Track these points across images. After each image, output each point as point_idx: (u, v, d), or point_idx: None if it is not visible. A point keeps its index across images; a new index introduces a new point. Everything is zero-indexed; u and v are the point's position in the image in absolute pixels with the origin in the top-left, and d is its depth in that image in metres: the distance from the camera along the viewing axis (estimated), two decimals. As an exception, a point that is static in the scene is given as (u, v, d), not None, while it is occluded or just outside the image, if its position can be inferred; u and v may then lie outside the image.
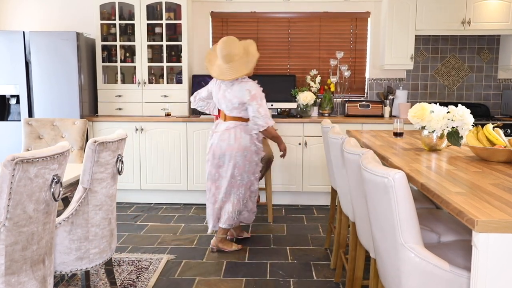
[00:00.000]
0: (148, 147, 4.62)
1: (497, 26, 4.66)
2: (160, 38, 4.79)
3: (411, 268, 1.48)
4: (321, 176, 4.59)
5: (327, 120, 3.16)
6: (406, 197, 1.48)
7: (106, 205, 2.27)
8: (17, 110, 4.63)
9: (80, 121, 3.32)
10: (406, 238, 1.49)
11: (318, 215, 4.37)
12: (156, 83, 4.85)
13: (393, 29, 4.73)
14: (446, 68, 5.12)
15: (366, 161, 1.68)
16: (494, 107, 5.16)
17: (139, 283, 2.86)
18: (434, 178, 1.82)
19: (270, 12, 5.07)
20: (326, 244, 3.53)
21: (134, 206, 4.64)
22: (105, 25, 4.80)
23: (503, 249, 1.28)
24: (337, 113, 5.11)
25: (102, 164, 2.17)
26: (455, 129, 2.43)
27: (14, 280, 1.60)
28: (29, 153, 1.57)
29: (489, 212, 1.33)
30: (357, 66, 5.13)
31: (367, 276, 2.40)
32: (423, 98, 5.15)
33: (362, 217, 2.03)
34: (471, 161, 2.24)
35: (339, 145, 2.34)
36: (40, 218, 1.68)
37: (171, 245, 3.55)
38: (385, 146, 2.75)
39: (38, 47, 4.45)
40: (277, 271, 3.08)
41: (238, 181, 3.30)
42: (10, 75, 4.49)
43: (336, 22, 5.08)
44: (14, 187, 1.53)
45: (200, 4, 5.07)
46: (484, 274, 1.29)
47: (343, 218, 2.75)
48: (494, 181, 1.77)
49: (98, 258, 2.26)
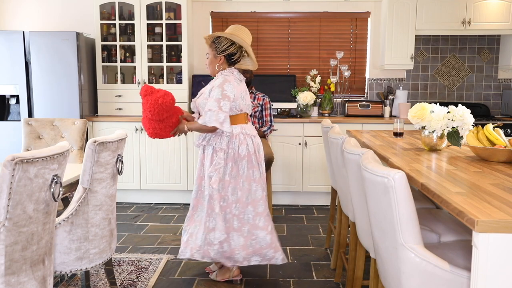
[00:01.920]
0: (148, 147, 4.62)
1: (497, 26, 4.66)
2: (160, 38, 4.79)
3: (411, 268, 1.48)
4: (321, 176, 4.59)
5: (327, 120, 3.16)
6: (406, 197, 1.48)
7: (106, 205, 2.27)
8: (17, 110, 4.63)
9: (80, 121, 3.32)
10: (406, 238, 1.48)
11: (318, 215, 4.37)
12: (156, 83, 4.85)
13: (393, 29, 4.73)
14: (446, 68, 5.12)
15: (366, 161, 1.68)
16: (494, 107, 5.15)
17: (139, 283, 2.86)
18: (434, 178, 1.81)
19: (270, 12, 5.06)
20: (326, 244, 3.53)
21: (134, 206, 4.64)
22: (105, 25, 4.80)
23: (503, 249, 1.28)
24: (337, 113, 5.11)
25: (102, 164, 2.17)
26: (455, 129, 2.43)
27: (14, 280, 1.60)
28: (29, 153, 1.57)
29: (489, 212, 1.33)
30: (357, 66, 5.13)
31: (367, 276, 2.40)
32: (423, 98, 5.15)
33: (362, 217, 2.03)
34: (471, 161, 2.24)
35: (339, 145, 2.34)
36: (40, 218, 1.68)
37: (171, 245, 3.55)
38: (385, 146, 2.75)
39: (38, 47, 4.45)
40: (277, 271, 3.08)
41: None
42: (10, 75, 4.49)
43: (336, 22, 5.08)
44: (14, 187, 1.53)
45: (200, 4, 5.07)
46: (484, 274, 1.29)
47: (343, 218, 2.75)
48: (494, 181, 1.77)
49: (98, 258, 2.26)
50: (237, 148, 2.76)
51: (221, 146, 2.73)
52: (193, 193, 2.89)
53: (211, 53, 2.80)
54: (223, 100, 2.67)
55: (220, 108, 2.66)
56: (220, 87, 2.68)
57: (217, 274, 2.95)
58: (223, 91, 2.67)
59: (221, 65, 2.79)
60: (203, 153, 2.85)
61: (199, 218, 2.85)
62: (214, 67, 2.81)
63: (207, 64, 2.84)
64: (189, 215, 2.91)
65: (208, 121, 2.67)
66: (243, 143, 2.77)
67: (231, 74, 2.78)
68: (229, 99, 2.68)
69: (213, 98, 2.68)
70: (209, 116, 2.66)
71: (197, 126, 2.74)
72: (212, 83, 2.76)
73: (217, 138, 2.75)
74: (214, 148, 2.76)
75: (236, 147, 2.76)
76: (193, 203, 2.89)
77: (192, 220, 2.89)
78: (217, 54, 2.78)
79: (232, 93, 2.70)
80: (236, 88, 2.73)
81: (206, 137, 2.79)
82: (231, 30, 2.81)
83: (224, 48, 2.76)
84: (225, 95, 2.67)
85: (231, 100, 2.70)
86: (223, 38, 2.77)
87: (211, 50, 2.80)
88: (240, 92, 2.77)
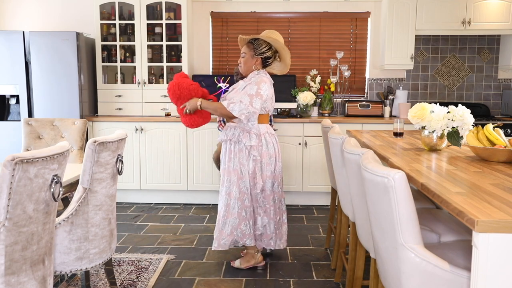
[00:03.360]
0: (148, 147, 4.62)
1: (497, 26, 4.66)
2: (160, 38, 4.80)
3: (411, 268, 1.48)
4: (321, 176, 4.59)
5: (327, 120, 3.16)
6: (406, 197, 1.48)
7: (106, 205, 2.27)
8: (17, 110, 4.63)
9: (80, 121, 3.32)
10: (406, 238, 1.48)
11: (318, 215, 4.37)
12: (156, 83, 4.86)
13: (393, 29, 4.73)
14: (446, 68, 5.12)
15: (366, 161, 1.68)
16: (494, 107, 5.16)
17: (139, 283, 2.86)
18: (434, 178, 1.81)
19: (270, 12, 5.07)
20: (326, 244, 3.53)
21: (134, 206, 4.64)
22: (105, 25, 4.80)
23: (503, 249, 1.28)
24: (337, 113, 5.11)
25: (102, 164, 2.17)
26: (455, 129, 2.43)
27: (14, 280, 1.60)
28: (29, 153, 1.57)
29: (489, 212, 1.33)
30: (357, 66, 5.13)
31: (367, 276, 2.41)
32: (423, 98, 5.15)
33: (362, 217, 2.03)
34: (471, 161, 2.24)
35: (339, 145, 2.34)
36: (40, 218, 1.68)
37: (171, 245, 3.55)
38: (385, 146, 2.75)
39: (38, 47, 4.45)
40: (277, 271, 3.08)
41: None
42: (10, 75, 4.49)
43: (336, 22, 5.08)
44: (14, 187, 1.53)
45: (200, 4, 5.07)
46: (484, 274, 1.29)
47: (343, 218, 2.75)
48: (494, 181, 1.77)
49: (98, 258, 2.26)
50: (266, 145, 2.97)
51: (251, 143, 2.91)
52: (229, 189, 3.01)
53: (248, 53, 2.96)
54: (256, 97, 2.84)
55: (251, 104, 2.82)
56: (257, 84, 2.86)
57: (241, 261, 3.12)
58: (258, 89, 2.85)
59: (257, 66, 2.97)
60: (229, 147, 3.01)
61: (249, 210, 3.02)
62: (249, 67, 2.97)
63: (242, 63, 2.99)
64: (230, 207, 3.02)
65: (234, 109, 2.82)
66: (270, 142, 2.99)
67: (266, 75, 2.96)
68: (261, 98, 2.86)
69: (246, 93, 2.86)
70: (238, 106, 2.82)
71: (214, 106, 2.90)
72: (246, 81, 2.94)
73: (247, 136, 2.93)
74: (245, 145, 2.93)
75: (265, 145, 2.97)
76: (236, 197, 3.01)
77: (233, 212, 3.02)
78: (255, 55, 2.94)
79: (265, 93, 2.88)
80: (269, 90, 2.92)
81: (235, 134, 2.95)
82: (268, 34, 2.97)
83: (263, 50, 2.95)
84: (258, 93, 2.84)
85: (263, 99, 2.87)
86: (262, 41, 2.94)
87: (249, 50, 2.96)
88: (271, 94, 2.99)
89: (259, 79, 2.89)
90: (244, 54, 2.99)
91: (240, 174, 2.98)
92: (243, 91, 2.89)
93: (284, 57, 3.05)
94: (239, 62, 3.03)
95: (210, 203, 4.74)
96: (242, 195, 2.99)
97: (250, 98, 2.82)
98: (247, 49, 2.98)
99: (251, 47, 2.96)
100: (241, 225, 3.01)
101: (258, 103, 2.84)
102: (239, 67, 3.04)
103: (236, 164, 2.97)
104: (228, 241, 3.02)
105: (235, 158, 2.98)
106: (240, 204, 2.99)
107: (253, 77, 2.93)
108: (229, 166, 3.00)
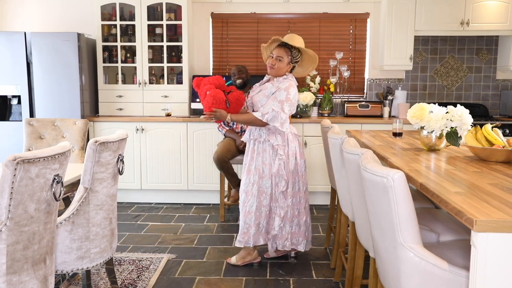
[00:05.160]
0: (148, 147, 4.63)
1: (496, 26, 4.67)
2: (160, 39, 4.80)
3: (411, 267, 1.49)
4: (321, 176, 4.60)
5: (326, 120, 3.17)
6: (405, 197, 1.48)
7: (107, 205, 2.28)
8: (18, 110, 4.64)
9: (81, 121, 3.33)
10: (405, 237, 1.49)
11: (318, 215, 4.38)
12: (156, 83, 4.86)
13: (392, 29, 4.74)
14: (445, 68, 5.13)
15: (366, 161, 1.68)
16: (493, 107, 5.17)
17: (139, 282, 2.87)
18: (433, 178, 1.82)
19: (270, 13, 5.07)
20: (326, 244, 3.54)
21: (134, 206, 4.65)
22: (106, 26, 4.81)
23: (502, 248, 1.28)
24: (336, 113, 5.11)
25: (103, 164, 2.18)
26: (454, 129, 2.44)
27: (16, 279, 1.61)
28: (30, 153, 1.58)
29: (488, 211, 1.34)
30: (356, 66, 5.14)
31: (367, 276, 2.42)
32: (422, 99, 5.16)
33: (362, 216, 2.04)
34: (470, 161, 2.25)
35: (339, 145, 2.35)
36: (41, 217, 1.69)
37: (172, 245, 3.56)
38: (384, 146, 2.76)
39: (39, 47, 4.46)
40: (277, 270, 3.09)
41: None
42: (12, 76, 4.50)
43: (335, 23, 5.09)
44: (15, 187, 1.54)
45: (201, 5, 5.08)
46: (483, 273, 1.30)
47: (343, 218, 2.76)
48: (493, 181, 1.78)
49: (99, 257, 2.27)
50: (288, 145, 3.04)
51: (278, 143, 2.99)
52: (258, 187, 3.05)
53: (286, 59, 2.99)
54: (286, 102, 2.92)
55: (283, 110, 2.92)
56: (286, 90, 2.93)
57: (237, 257, 3.16)
58: (287, 94, 2.92)
59: (287, 71, 3.04)
60: (253, 147, 3.08)
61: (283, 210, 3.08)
62: (283, 71, 3.01)
63: (275, 65, 2.98)
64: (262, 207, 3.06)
65: (270, 119, 2.92)
66: (293, 141, 3.07)
67: (293, 79, 3.05)
68: (291, 102, 2.95)
69: (277, 99, 2.92)
70: (273, 116, 2.91)
71: (245, 118, 2.98)
72: (275, 84, 2.99)
73: (273, 136, 3.00)
74: (272, 144, 3.00)
75: (288, 145, 3.04)
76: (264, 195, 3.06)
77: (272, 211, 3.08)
78: (290, 62, 3.02)
79: (294, 97, 2.97)
80: (296, 93, 3.02)
81: (263, 134, 3.02)
82: (295, 39, 3.00)
83: (298, 59, 3.05)
84: (288, 98, 2.92)
85: (292, 103, 2.97)
86: (296, 50, 3.01)
87: (287, 56, 2.99)
88: (298, 97, 3.13)
89: (288, 84, 2.95)
90: (281, 58, 2.97)
91: (262, 173, 3.03)
92: (272, 97, 2.93)
93: (304, 65, 3.13)
94: (272, 63, 2.97)
95: (211, 203, 4.75)
96: (261, 194, 3.04)
97: (281, 104, 2.90)
98: (285, 54, 2.97)
99: (289, 53, 2.98)
100: (256, 223, 3.06)
101: (288, 108, 2.94)
102: (271, 69, 2.99)
103: (259, 163, 3.03)
104: (244, 238, 3.08)
105: (258, 157, 3.04)
106: (258, 204, 3.04)
107: (281, 82, 2.97)
108: (251, 165, 3.07)
